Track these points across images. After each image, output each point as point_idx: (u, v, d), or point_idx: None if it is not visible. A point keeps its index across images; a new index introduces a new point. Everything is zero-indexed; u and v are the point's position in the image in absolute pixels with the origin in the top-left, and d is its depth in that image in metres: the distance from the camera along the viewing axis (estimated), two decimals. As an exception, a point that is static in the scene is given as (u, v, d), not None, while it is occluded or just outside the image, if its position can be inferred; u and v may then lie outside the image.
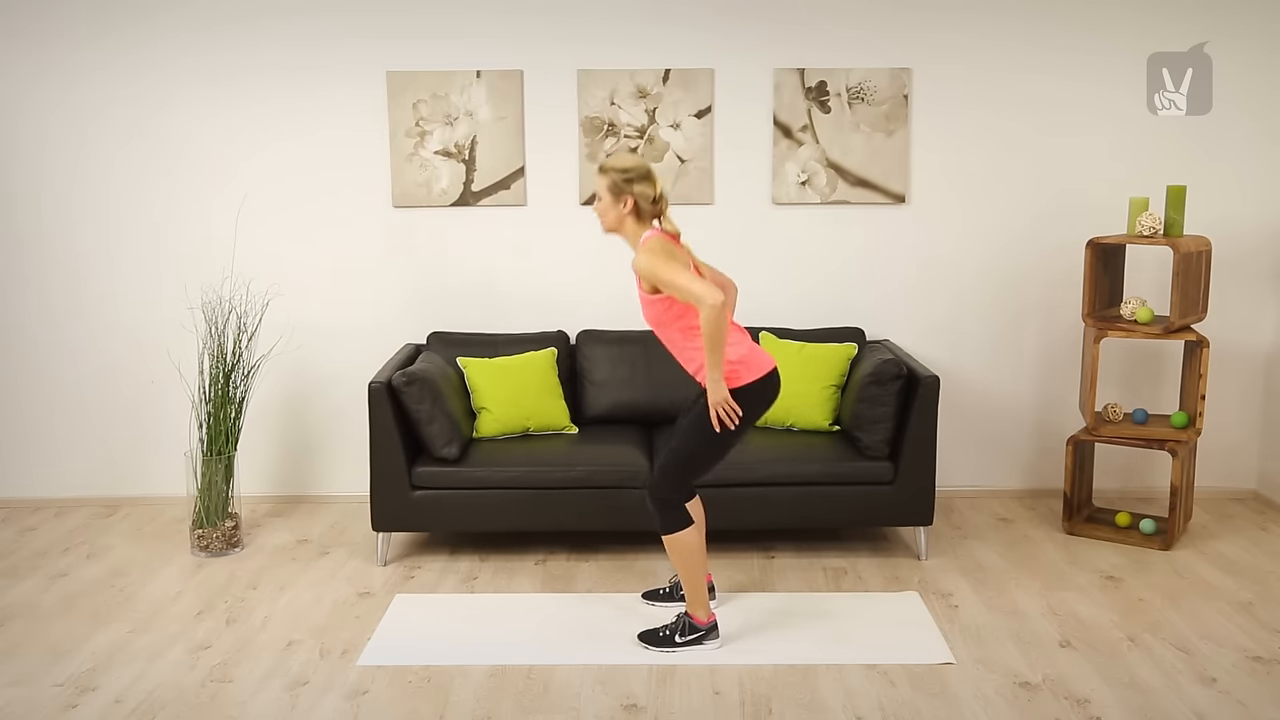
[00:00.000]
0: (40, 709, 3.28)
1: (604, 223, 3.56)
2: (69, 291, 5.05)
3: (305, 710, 3.27)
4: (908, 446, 4.30)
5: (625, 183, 3.49)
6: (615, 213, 3.52)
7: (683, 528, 3.55)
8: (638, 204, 3.49)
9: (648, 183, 3.50)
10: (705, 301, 3.30)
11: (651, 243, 3.45)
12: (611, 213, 3.53)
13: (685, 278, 3.35)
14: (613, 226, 3.56)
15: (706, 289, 3.31)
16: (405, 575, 4.30)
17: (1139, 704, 3.28)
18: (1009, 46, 4.91)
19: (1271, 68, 4.92)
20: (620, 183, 3.49)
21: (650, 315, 3.55)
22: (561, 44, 4.89)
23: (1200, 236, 4.58)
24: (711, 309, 3.29)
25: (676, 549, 3.57)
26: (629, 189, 3.49)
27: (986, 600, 4.03)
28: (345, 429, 5.14)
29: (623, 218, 3.52)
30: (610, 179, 3.50)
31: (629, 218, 3.52)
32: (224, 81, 4.91)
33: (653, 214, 3.53)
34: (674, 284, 3.36)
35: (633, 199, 3.49)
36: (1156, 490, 5.19)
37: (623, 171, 3.49)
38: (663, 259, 3.39)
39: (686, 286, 3.33)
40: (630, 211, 3.50)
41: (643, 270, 3.42)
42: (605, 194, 3.52)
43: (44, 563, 4.46)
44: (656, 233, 3.51)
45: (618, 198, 3.50)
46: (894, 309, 5.10)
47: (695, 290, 3.32)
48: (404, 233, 5.03)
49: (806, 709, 3.26)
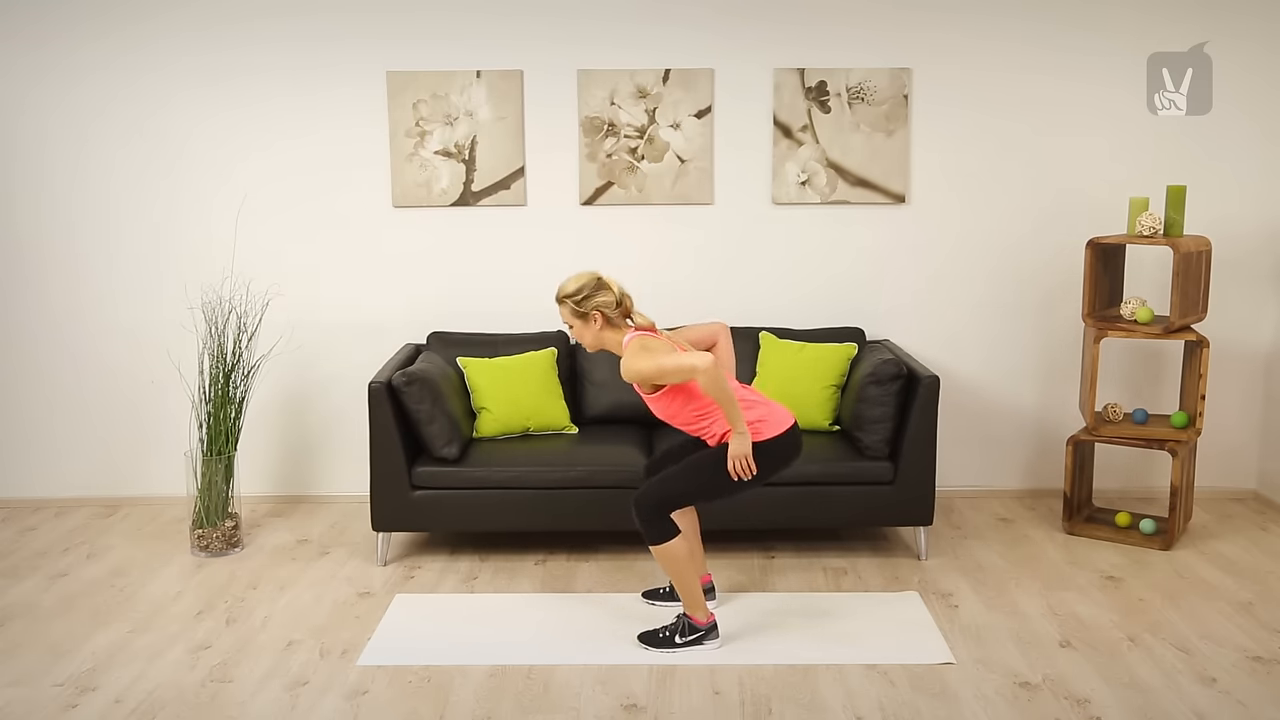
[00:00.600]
0: (40, 709, 3.28)
1: (586, 345, 3.65)
2: (69, 291, 5.05)
3: (305, 710, 3.27)
4: (908, 446, 4.30)
5: (582, 302, 3.57)
6: (590, 332, 3.61)
7: (670, 538, 3.54)
8: (605, 315, 3.57)
9: (604, 292, 3.58)
10: (699, 369, 3.37)
11: (632, 345, 3.53)
12: (587, 334, 3.61)
13: (670, 359, 3.43)
14: (594, 345, 3.64)
15: (692, 357, 3.39)
16: (405, 575, 4.30)
17: (1139, 704, 3.28)
18: (1008, 46, 4.91)
19: (1271, 68, 4.92)
20: (578, 305, 3.58)
21: (661, 410, 3.61)
22: (561, 44, 4.89)
23: (1200, 236, 4.58)
24: (706, 371, 3.36)
25: (665, 559, 3.56)
26: (589, 305, 3.57)
27: (986, 600, 4.03)
28: (345, 429, 5.14)
29: (598, 334, 3.60)
30: (569, 307, 3.60)
31: (604, 331, 3.60)
32: (224, 81, 4.91)
33: (623, 315, 3.61)
34: (663, 370, 3.44)
35: (599, 312, 3.56)
36: (1156, 490, 5.19)
37: (575, 294, 3.58)
38: (645, 355, 3.47)
39: (675, 366, 3.42)
40: (603, 326, 3.58)
41: (632, 375, 3.49)
42: (572, 320, 3.61)
43: (44, 563, 4.46)
44: (633, 334, 3.58)
45: (585, 320, 3.59)
46: (894, 309, 5.10)
47: (684, 363, 3.40)
48: (404, 233, 5.03)
49: (806, 709, 3.26)
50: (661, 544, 3.53)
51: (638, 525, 3.56)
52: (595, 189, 4.99)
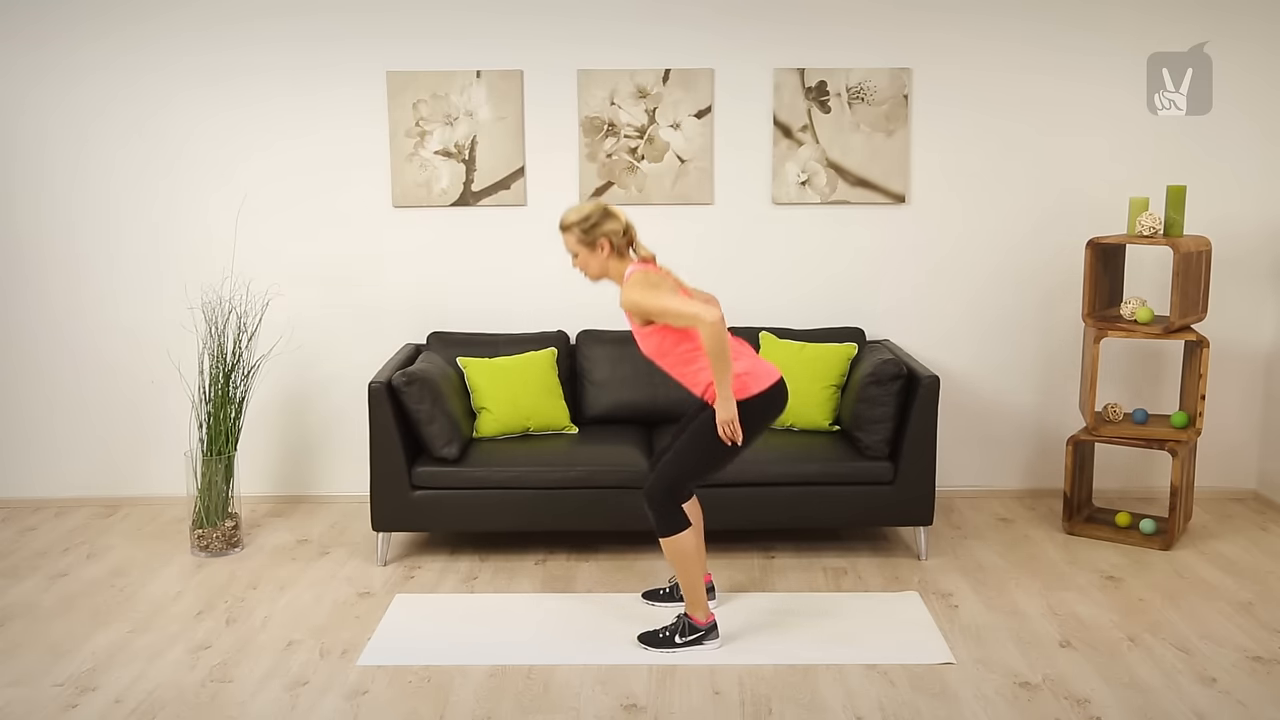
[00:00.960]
0: (40, 709, 3.28)
1: (589, 274, 3.60)
2: (69, 291, 5.06)
3: (305, 710, 3.27)
4: (908, 446, 4.30)
5: (591, 229, 3.52)
6: (596, 261, 3.56)
7: (680, 530, 3.55)
8: (612, 243, 3.53)
9: (612, 220, 3.54)
10: (704, 320, 3.32)
11: (635, 277, 3.49)
12: (593, 262, 3.56)
13: (677, 302, 3.39)
14: (599, 274, 3.59)
15: (702, 307, 3.34)
16: (405, 575, 4.30)
17: (1139, 704, 3.28)
18: (1009, 46, 4.91)
19: (1271, 68, 4.92)
20: (587, 232, 3.53)
21: (649, 347, 3.58)
22: (561, 44, 4.89)
23: (1200, 236, 4.58)
24: (712, 325, 3.32)
25: (674, 551, 3.56)
26: (598, 233, 3.52)
27: (986, 600, 4.03)
28: (345, 429, 5.14)
29: (604, 263, 3.56)
30: (575, 234, 3.54)
31: (610, 260, 3.55)
32: (224, 81, 4.91)
33: (628, 244, 3.57)
34: (667, 311, 3.40)
35: (606, 240, 3.53)
36: (1156, 490, 5.18)
37: (583, 221, 3.53)
38: (649, 290, 3.43)
39: (680, 310, 3.37)
40: (610, 255, 3.54)
41: (631, 306, 3.45)
42: (579, 248, 3.55)
43: (44, 563, 4.46)
44: (637, 266, 3.55)
45: (592, 247, 3.54)
46: (894, 309, 5.10)
47: (690, 311, 3.35)
48: (404, 233, 5.03)
49: (806, 709, 3.26)
50: (671, 535, 3.54)
51: (649, 516, 3.56)
52: (595, 189, 4.99)
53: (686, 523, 3.56)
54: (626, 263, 3.57)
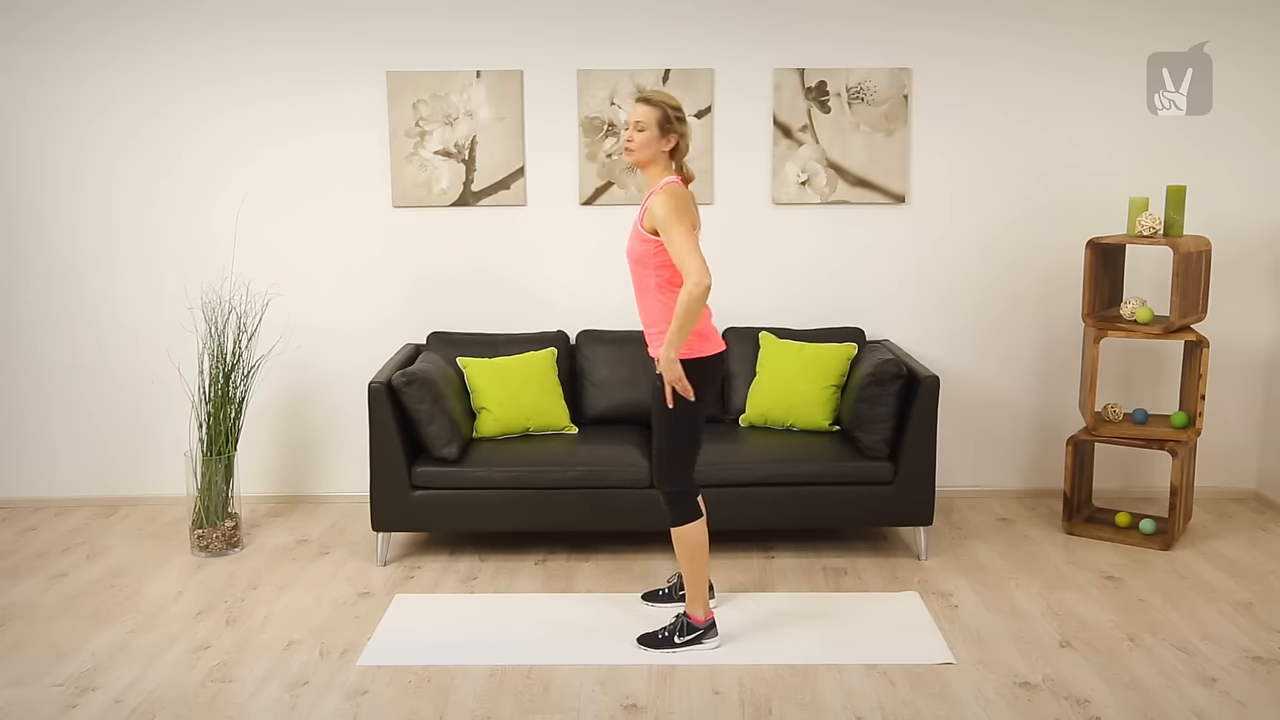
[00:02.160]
0: (40, 709, 3.28)
1: (639, 154, 3.43)
2: (69, 291, 5.05)
3: (305, 710, 3.27)
4: (908, 446, 4.30)
5: (677, 119, 3.41)
6: (655, 147, 3.42)
7: (692, 520, 3.55)
8: (679, 144, 3.43)
9: (686, 125, 3.45)
10: (693, 276, 3.24)
11: (675, 189, 3.38)
12: (652, 146, 3.41)
13: (690, 243, 3.28)
14: (647, 160, 3.44)
15: (700, 266, 3.25)
16: (405, 575, 4.30)
17: (1139, 704, 3.28)
18: (1009, 46, 4.91)
19: (1271, 68, 4.92)
20: (673, 118, 3.40)
21: (636, 250, 3.48)
22: (561, 44, 4.89)
23: (1200, 236, 4.58)
24: (697, 286, 3.24)
25: (684, 542, 3.56)
26: (678, 127, 3.41)
27: (986, 600, 4.03)
28: (345, 429, 5.14)
29: (658, 154, 3.43)
30: (662, 111, 3.40)
31: (663, 155, 3.44)
32: (224, 81, 4.91)
33: (682, 156, 3.47)
34: (675, 243, 3.28)
35: (678, 138, 3.42)
36: (1156, 490, 5.18)
37: (676, 108, 3.41)
38: (680, 213, 3.31)
39: (686, 252, 3.26)
40: (670, 150, 3.44)
41: (658, 213, 3.32)
42: (653, 125, 3.40)
43: (44, 563, 4.46)
44: (678, 181, 3.44)
45: (665, 133, 3.41)
46: (894, 309, 5.10)
47: (691, 262, 3.25)
48: (404, 233, 5.03)
49: (806, 709, 3.26)
50: (683, 525, 3.54)
51: (664, 506, 3.57)
52: (595, 189, 4.99)
53: (699, 514, 3.56)
54: (670, 170, 3.47)
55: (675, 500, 3.56)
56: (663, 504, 3.59)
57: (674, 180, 3.44)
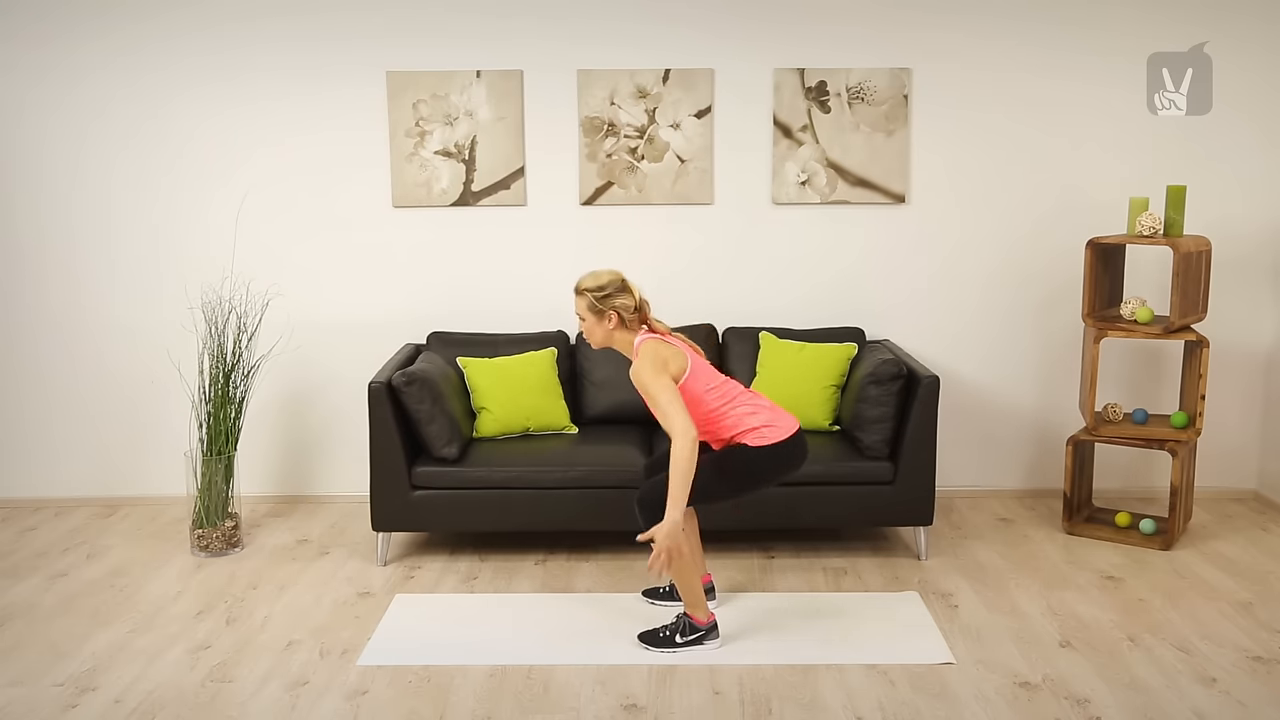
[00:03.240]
0: (40, 709, 3.28)
1: (592, 341, 3.62)
2: (69, 291, 5.05)
3: (305, 710, 3.27)
4: (908, 446, 4.30)
5: (603, 299, 3.54)
6: (601, 330, 3.58)
7: None
8: (621, 317, 3.54)
9: (625, 294, 3.55)
10: (676, 432, 3.34)
11: (645, 349, 3.49)
12: (598, 330, 3.59)
13: (672, 403, 3.38)
14: (602, 342, 3.62)
15: (685, 422, 3.35)
16: (405, 575, 4.30)
17: (1139, 704, 3.28)
18: (1009, 46, 4.91)
19: (1271, 68, 4.92)
20: (598, 301, 3.54)
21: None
22: (561, 44, 4.89)
23: (1200, 236, 4.58)
24: (683, 441, 3.33)
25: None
26: (608, 304, 3.54)
27: (986, 600, 4.03)
28: (345, 429, 5.14)
29: (609, 333, 3.58)
30: (588, 300, 3.55)
31: (616, 330, 3.57)
32: (224, 81, 4.91)
33: (640, 321, 3.58)
34: (658, 404, 3.40)
35: (615, 313, 3.54)
36: (1156, 490, 5.19)
37: (598, 290, 3.54)
38: (656, 371, 3.42)
39: (665, 410, 3.37)
40: (616, 326, 3.56)
41: (640, 380, 3.45)
42: (586, 314, 3.58)
43: (44, 563, 4.46)
44: (647, 337, 3.54)
45: (600, 316, 3.56)
46: (893, 309, 5.10)
47: (675, 421, 3.35)
48: (404, 233, 5.03)
49: (806, 709, 3.26)
50: None
51: (640, 522, 3.55)
52: (595, 189, 4.99)
53: None
54: (634, 334, 3.58)
55: (654, 518, 3.51)
56: (639, 518, 3.56)
57: (645, 338, 3.53)
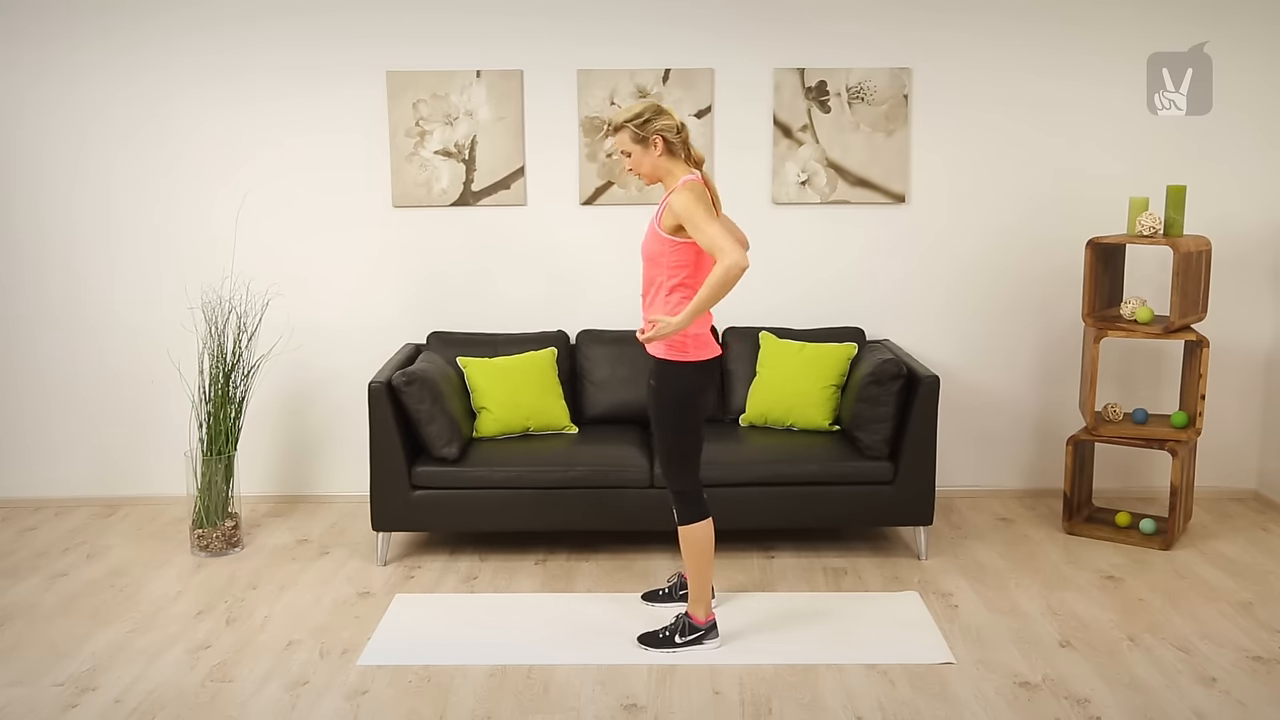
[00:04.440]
0: (40, 709, 3.28)
1: (643, 175, 3.47)
2: (69, 291, 5.05)
3: (305, 710, 3.27)
4: (908, 446, 4.30)
5: (644, 125, 3.42)
6: (649, 160, 3.44)
7: (698, 520, 3.55)
8: (666, 140, 3.43)
9: (665, 116, 3.43)
10: (729, 258, 3.23)
11: (692, 184, 3.38)
12: (646, 161, 3.45)
13: (719, 231, 3.28)
14: (653, 174, 3.47)
15: (734, 247, 3.26)
16: (405, 575, 4.30)
17: (1139, 704, 3.28)
18: (1009, 46, 4.91)
19: (1271, 68, 4.92)
20: (639, 129, 3.42)
21: (651, 249, 3.48)
22: (561, 44, 4.89)
23: (1200, 236, 4.58)
24: (733, 267, 3.23)
25: (689, 541, 3.57)
26: (651, 129, 3.42)
27: (986, 600, 4.03)
28: (345, 429, 5.14)
29: (656, 162, 3.45)
30: (629, 131, 3.42)
31: (663, 158, 3.45)
32: (224, 81, 4.91)
33: (682, 144, 3.47)
34: (705, 232, 3.28)
35: (660, 138, 3.42)
36: (1156, 490, 5.19)
37: (636, 117, 3.42)
38: (700, 204, 3.32)
39: (715, 234, 3.27)
40: (663, 152, 3.44)
41: (681, 210, 3.32)
42: (631, 146, 3.44)
43: (44, 563, 4.46)
44: (696, 177, 3.44)
45: (645, 145, 3.43)
46: (894, 309, 5.10)
47: (724, 244, 3.25)
48: (404, 233, 5.03)
49: (806, 709, 3.26)
50: (689, 524, 3.55)
51: (672, 504, 3.58)
52: (595, 189, 4.99)
53: (706, 513, 3.57)
54: (681, 166, 3.47)
55: (682, 500, 3.57)
56: (672, 500, 3.60)
57: (691, 177, 3.44)
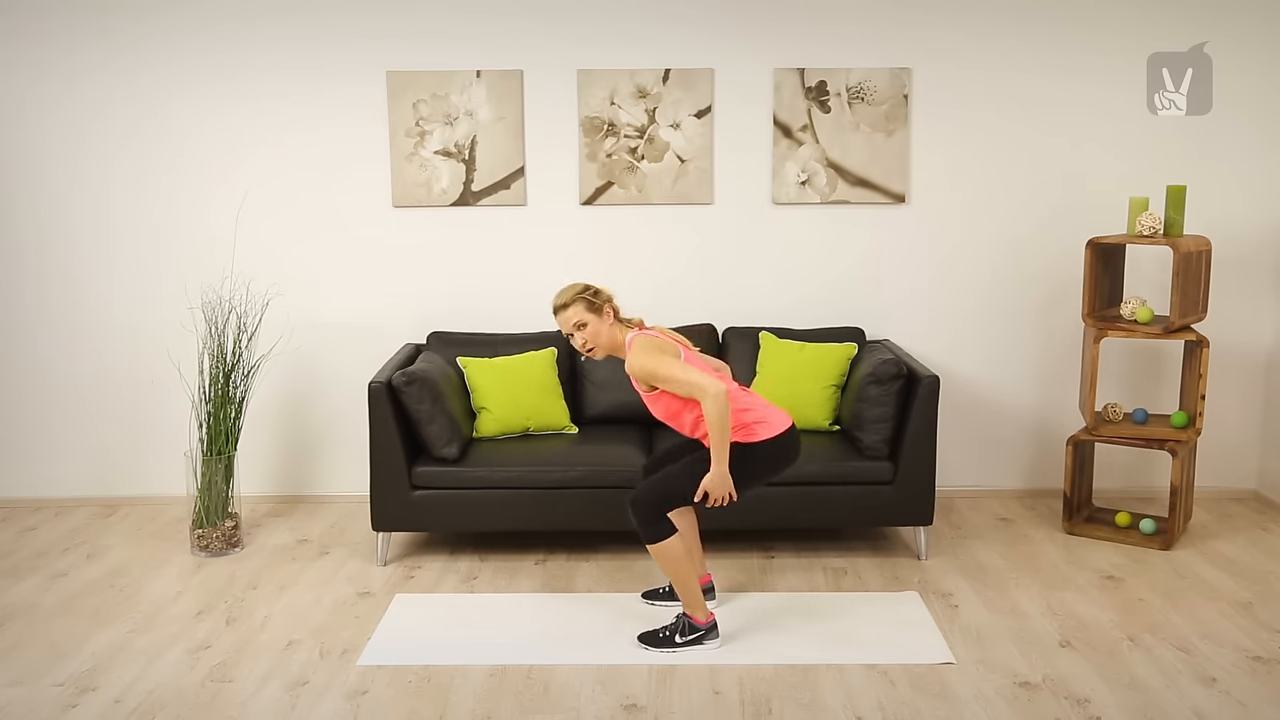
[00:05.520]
0: (40, 709, 3.28)
1: (600, 345, 3.57)
2: (69, 291, 5.05)
3: (305, 710, 3.27)
4: (908, 446, 4.30)
5: (594, 296, 3.56)
6: (605, 328, 3.57)
7: (665, 537, 3.53)
8: (615, 310, 3.58)
9: (603, 290, 3.60)
10: (708, 392, 3.33)
11: (639, 342, 3.50)
12: (603, 330, 3.56)
13: (681, 371, 3.39)
14: (609, 344, 3.58)
15: (706, 378, 3.35)
16: (405, 575, 4.30)
17: (1139, 704, 3.28)
18: (1009, 46, 4.91)
19: (1271, 68, 4.92)
20: (591, 298, 3.55)
21: (660, 410, 3.59)
22: (561, 44, 4.89)
23: (1200, 236, 4.58)
24: (715, 399, 3.33)
25: (663, 558, 3.55)
26: (602, 299, 3.57)
27: (986, 600, 4.03)
28: (345, 429, 5.14)
29: (612, 330, 3.58)
30: (582, 303, 3.54)
31: (614, 328, 3.58)
32: (224, 81, 4.91)
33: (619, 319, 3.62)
34: (672, 378, 3.39)
35: (610, 307, 3.57)
36: (1156, 490, 5.19)
37: (585, 290, 3.56)
38: (655, 355, 3.43)
39: (685, 379, 3.38)
40: (613, 321, 3.58)
41: (640, 372, 3.45)
42: (587, 317, 3.54)
43: (44, 563, 4.46)
44: (636, 332, 3.56)
45: (599, 313, 3.55)
46: (894, 309, 5.10)
47: (695, 381, 3.35)
48: (404, 233, 5.03)
49: (806, 709, 3.26)
50: (658, 543, 3.53)
51: (634, 524, 3.55)
52: (595, 189, 4.99)
53: (671, 529, 3.54)
54: (624, 329, 3.60)
55: (647, 519, 3.53)
56: (632, 519, 3.56)
57: (635, 333, 3.56)
